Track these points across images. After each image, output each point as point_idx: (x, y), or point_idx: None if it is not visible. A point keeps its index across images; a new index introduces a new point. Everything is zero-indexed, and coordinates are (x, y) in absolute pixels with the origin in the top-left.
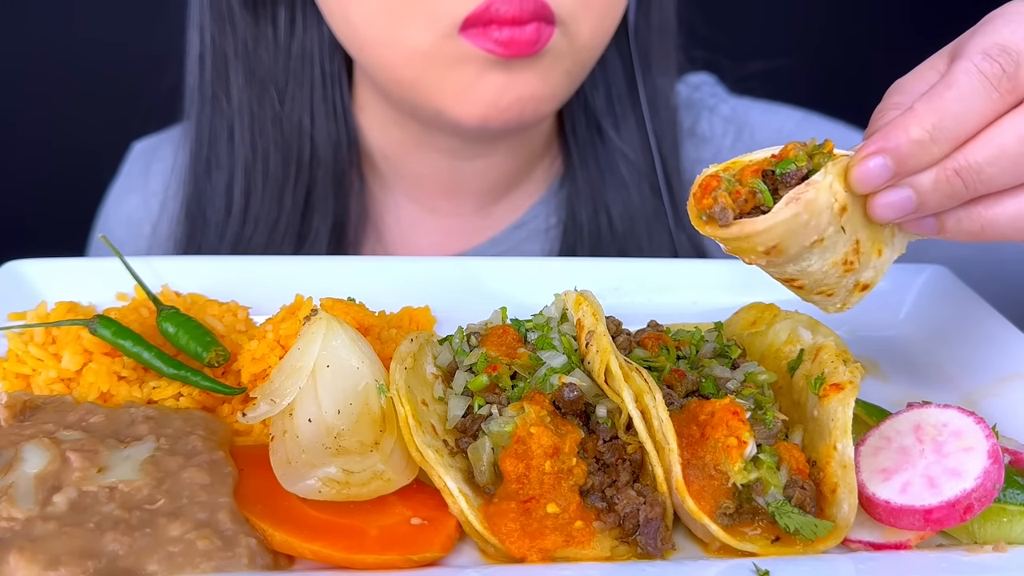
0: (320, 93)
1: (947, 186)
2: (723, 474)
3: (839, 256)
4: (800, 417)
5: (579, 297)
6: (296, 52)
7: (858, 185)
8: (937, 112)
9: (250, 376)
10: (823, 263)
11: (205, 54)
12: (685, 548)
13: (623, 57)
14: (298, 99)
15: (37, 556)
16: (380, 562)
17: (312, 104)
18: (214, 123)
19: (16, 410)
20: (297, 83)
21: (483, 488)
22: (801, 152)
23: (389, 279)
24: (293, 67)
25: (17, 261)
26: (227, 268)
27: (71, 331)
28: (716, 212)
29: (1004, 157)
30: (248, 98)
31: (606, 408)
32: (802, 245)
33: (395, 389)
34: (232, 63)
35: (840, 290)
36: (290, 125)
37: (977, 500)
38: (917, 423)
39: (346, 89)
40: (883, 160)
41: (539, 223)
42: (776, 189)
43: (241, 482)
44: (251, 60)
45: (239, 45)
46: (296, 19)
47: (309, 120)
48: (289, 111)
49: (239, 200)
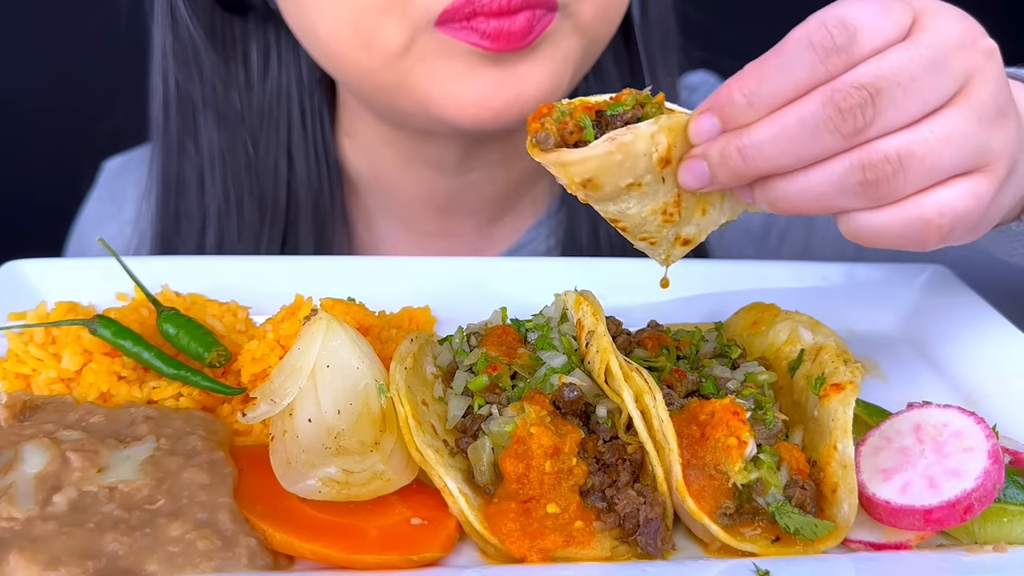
0: (299, 132)
1: (730, 162)
2: (723, 474)
3: (658, 205)
4: (800, 417)
5: (579, 297)
6: (271, 91)
7: (692, 140)
8: (758, 78)
9: (250, 376)
10: (642, 208)
11: (170, 101)
12: (685, 548)
13: (619, 63)
14: (273, 142)
15: (37, 556)
16: (380, 562)
17: (290, 145)
18: (182, 172)
19: (16, 410)
20: (272, 125)
21: (483, 488)
22: (631, 98)
23: (389, 279)
24: (268, 107)
25: (17, 261)
26: (227, 268)
27: (71, 331)
28: (540, 137)
29: (784, 138)
30: (219, 145)
31: (606, 408)
32: (617, 185)
33: (395, 389)
34: (200, 110)
35: (662, 241)
36: (265, 170)
37: (977, 500)
38: (917, 423)
39: (328, 124)
40: (711, 118)
41: (538, 245)
42: (605, 129)
43: (241, 482)
44: (221, 105)
45: (207, 90)
46: (270, 55)
47: (286, 162)
48: (264, 155)
49: (213, 248)
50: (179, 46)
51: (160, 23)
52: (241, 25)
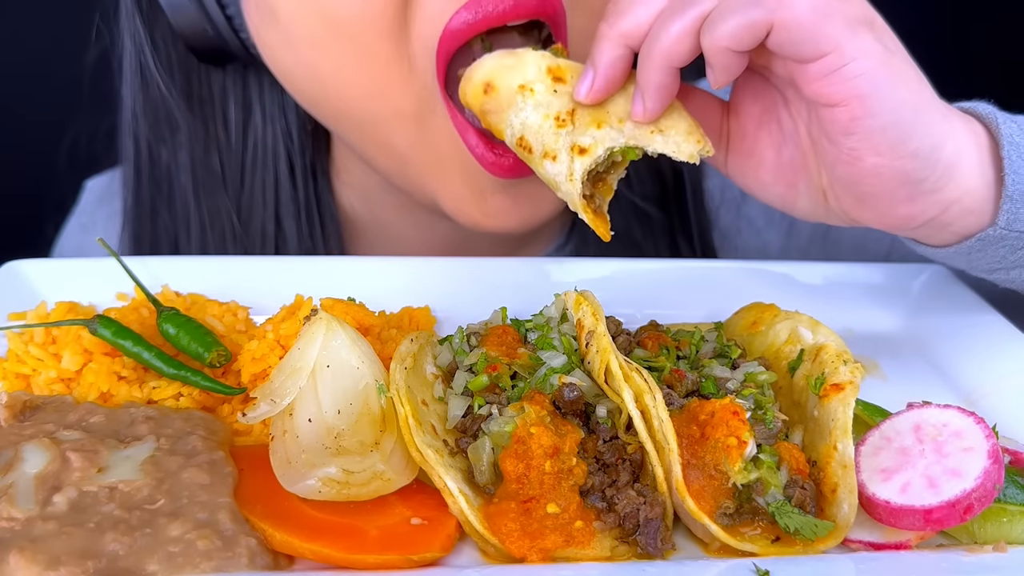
0: (288, 192)
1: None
2: (723, 474)
3: (552, 111)
4: (800, 417)
5: (579, 297)
6: (255, 149)
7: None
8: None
9: (250, 376)
10: (538, 116)
11: (142, 167)
12: (685, 548)
13: None
14: (259, 206)
15: (37, 556)
16: (380, 562)
17: (278, 205)
18: (156, 235)
19: (16, 410)
20: (258, 187)
21: (483, 488)
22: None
23: (389, 279)
24: (252, 168)
25: (17, 261)
26: (227, 268)
27: (71, 331)
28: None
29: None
30: (199, 214)
31: (606, 408)
32: (511, 87)
33: (395, 389)
34: (177, 177)
35: (561, 152)
36: (251, 237)
37: (977, 500)
38: (917, 423)
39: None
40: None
41: None
42: None
43: (241, 482)
44: (199, 171)
45: (184, 156)
46: (252, 110)
47: (274, 226)
48: (247, 220)
49: None
50: (150, 107)
51: (129, 82)
52: (219, 79)
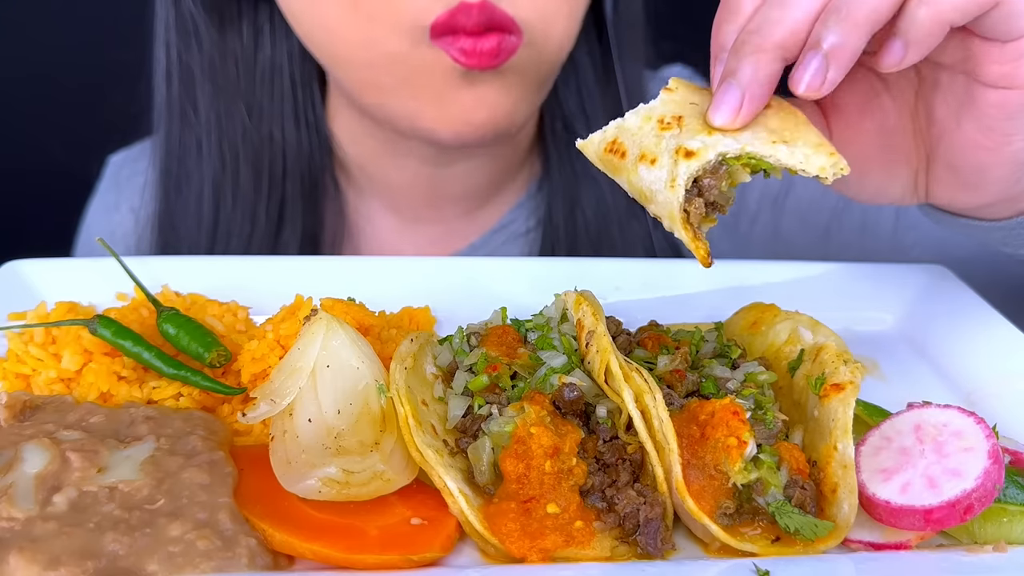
0: (290, 104)
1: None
2: (723, 474)
3: (655, 115)
4: (800, 417)
5: (579, 297)
6: (264, 64)
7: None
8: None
9: (250, 376)
10: (637, 118)
11: (172, 71)
12: (685, 548)
13: (592, 56)
14: (267, 111)
15: (37, 556)
16: (380, 562)
17: (282, 116)
18: (183, 139)
19: (16, 410)
20: (266, 95)
21: (483, 488)
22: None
23: (389, 279)
24: (262, 79)
25: (17, 261)
26: (227, 268)
27: (71, 331)
28: None
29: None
30: (216, 113)
31: (606, 408)
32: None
33: (395, 389)
34: (199, 79)
35: (662, 155)
36: (260, 138)
37: (977, 500)
38: (917, 423)
39: (318, 97)
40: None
41: (518, 226)
42: None
43: (241, 482)
44: (218, 75)
45: (205, 61)
46: (263, 31)
47: (280, 132)
48: (258, 124)
49: (209, 215)
50: (180, 20)
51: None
52: (237, 4)
